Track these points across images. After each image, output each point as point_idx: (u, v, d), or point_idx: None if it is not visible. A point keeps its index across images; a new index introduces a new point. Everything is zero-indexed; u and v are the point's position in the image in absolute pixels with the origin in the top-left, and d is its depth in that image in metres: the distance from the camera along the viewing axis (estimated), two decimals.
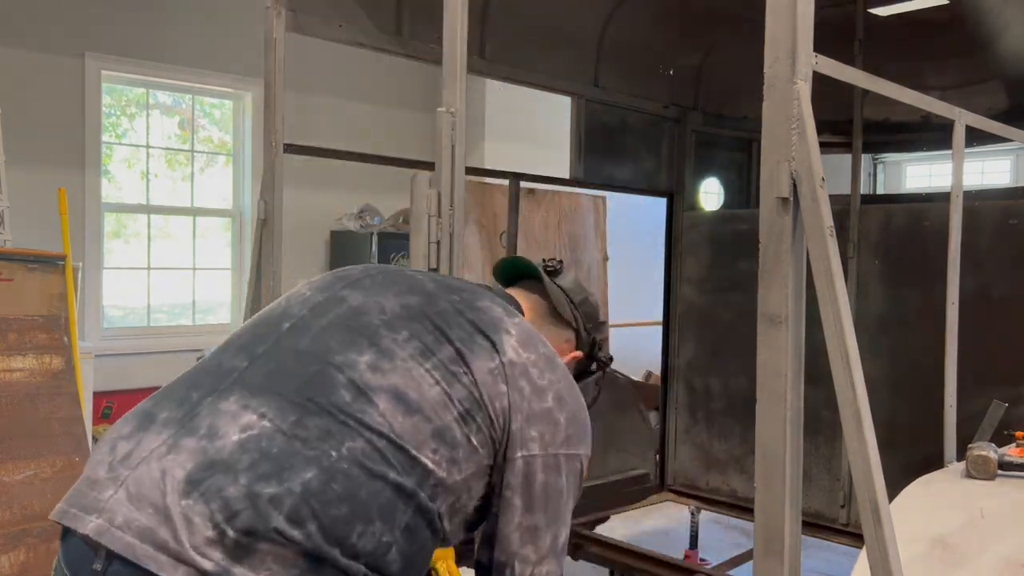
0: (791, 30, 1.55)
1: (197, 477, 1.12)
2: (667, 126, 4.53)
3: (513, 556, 1.33)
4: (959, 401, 2.61)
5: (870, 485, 1.46)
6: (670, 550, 4.23)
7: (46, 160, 5.27)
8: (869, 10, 3.86)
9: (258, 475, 1.12)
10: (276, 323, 1.37)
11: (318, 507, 1.12)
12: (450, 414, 1.26)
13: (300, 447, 1.16)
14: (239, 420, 1.18)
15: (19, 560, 3.11)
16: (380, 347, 1.28)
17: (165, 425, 1.21)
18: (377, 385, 1.24)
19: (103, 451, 1.22)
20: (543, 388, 1.35)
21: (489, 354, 1.32)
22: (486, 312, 1.39)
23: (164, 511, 1.10)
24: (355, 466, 1.16)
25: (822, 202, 1.51)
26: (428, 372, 1.27)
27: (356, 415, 1.20)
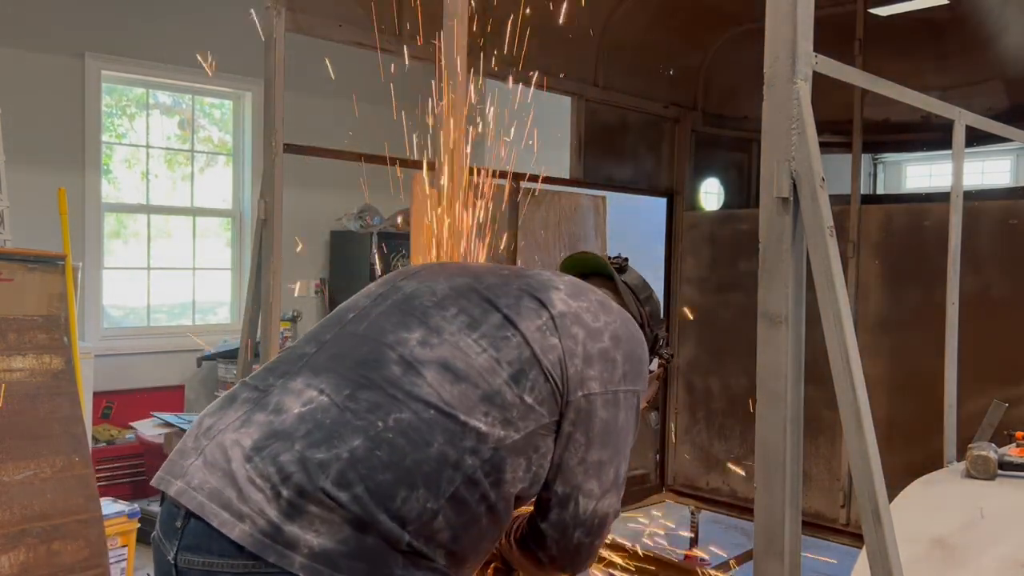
0: (791, 30, 1.55)
1: (260, 445, 1.23)
2: (667, 126, 4.53)
3: (577, 489, 1.39)
4: (959, 401, 2.61)
5: (870, 485, 1.46)
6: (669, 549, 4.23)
7: (46, 160, 5.27)
8: (869, 10, 3.86)
9: (311, 442, 1.22)
10: (343, 314, 1.47)
11: (364, 472, 1.20)
12: (499, 378, 1.31)
13: (350, 418, 1.24)
14: (302, 396, 1.29)
15: (19, 560, 3.11)
16: (429, 325, 1.36)
17: (243, 403, 1.33)
18: (426, 359, 1.31)
19: (194, 426, 1.36)
20: (598, 329, 1.41)
21: (536, 312, 1.38)
22: (535, 277, 1.47)
23: (231, 474, 1.21)
24: (400, 435, 1.24)
25: (822, 202, 1.51)
26: (475, 342, 1.34)
27: (405, 387, 1.28)
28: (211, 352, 5.81)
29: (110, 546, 3.55)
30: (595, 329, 1.41)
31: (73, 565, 3.24)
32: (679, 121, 4.53)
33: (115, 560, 3.68)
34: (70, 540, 3.24)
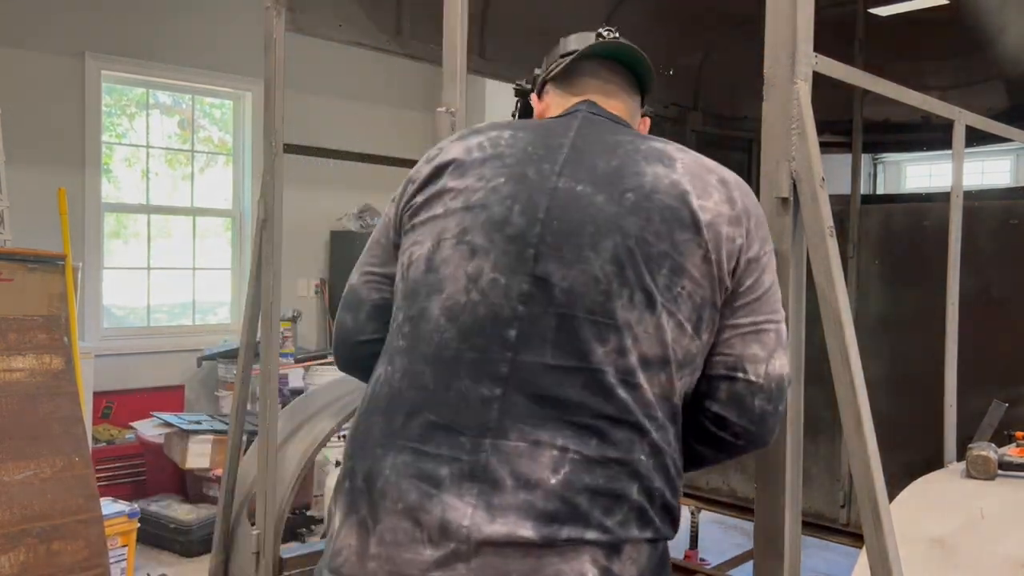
0: (791, 30, 1.55)
1: (548, 534, 1.15)
2: (667, 126, 4.52)
3: (739, 359, 1.30)
4: (959, 401, 2.61)
5: (870, 485, 1.46)
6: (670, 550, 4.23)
7: (46, 160, 5.27)
8: (869, 10, 3.86)
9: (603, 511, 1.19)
10: (496, 331, 1.23)
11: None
12: (686, 336, 1.26)
13: (619, 471, 1.20)
14: (538, 459, 1.18)
15: (19, 560, 3.11)
16: (617, 325, 1.22)
17: (458, 482, 1.18)
18: (633, 367, 1.22)
19: (407, 524, 1.19)
20: (737, 217, 1.31)
21: (694, 245, 1.27)
22: (664, 198, 1.28)
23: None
24: (652, 458, 1.23)
25: (822, 202, 1.51)
26: (661, 324, 1.24)
27: (640, 413, 1.22)
28: (211, 352, 5.81)
29: (110, 546, 3.55)
30: (735, 216, 1.31)
31: (73, 565, 3.24)
32: (679, 121, 4.52)
33: (115, 560, 3.68)
34: (70, 540, 3.24)
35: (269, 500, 2.90)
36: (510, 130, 1.39)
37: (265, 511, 2.90)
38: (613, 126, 1.42)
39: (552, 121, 1.43)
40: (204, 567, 3.43)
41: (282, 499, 2.94)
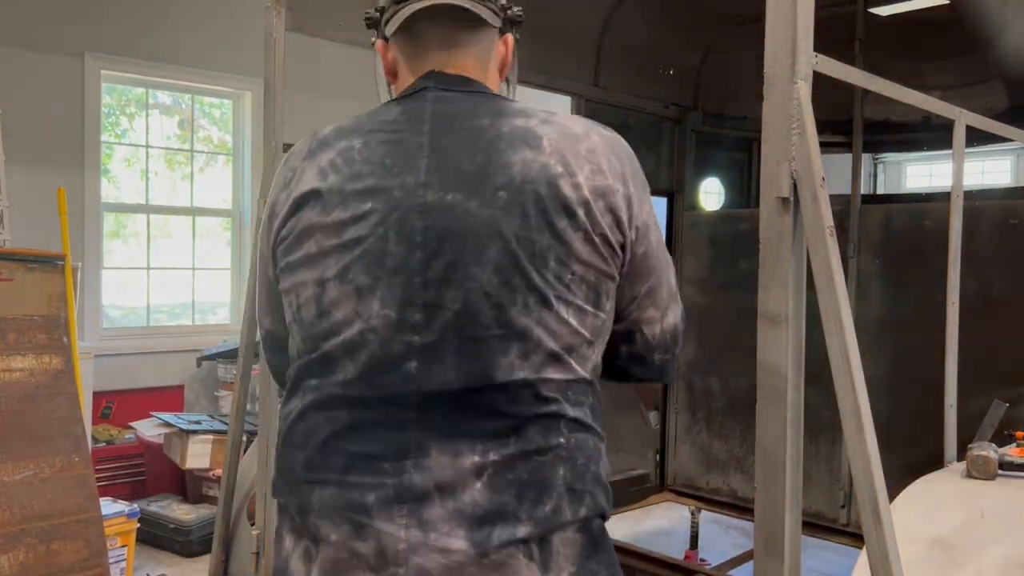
0: (791, 30, 1.55)
1: (481, 540, 1.18)
2: (667, 126, 4.52)
3: (636, 323, 1.35)
4: (959, 401, 2.61)
5: (870, 485, 1.46)
6: (670, 550, 4.23)
7: (46, 160, 5.27)
8: (869, 10, 3.86)
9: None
10: (396, 366, 1.22)
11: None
12: (596, 318, 1.28)
13: (540, 461, 1.23)
14: (463, 467, 1.20)
15: (19, 560, 3.11)
16: (516, 333, 1.21)
17: (387, 506, 1.21)
18: (541, 364, 1.22)
19: (343, 555, 1.22)
20: (611, 187, 1.27)
21: (574, 229, 1.23)
22: (536, 187, 1.23)
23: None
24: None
25: (822, 202, 1.51)
26: (561, 316, 1.23)
27: (553, 402, 1.24)
28: (211, 352, 5.81)
29: (110, 546, 3.55)
30: (607, 187, 1.26)
31: (73, 565, 3.24)
32: (679, 121, 4.53)
33: (115, 560, 3.68)
34: (70, 540, 3.24)
35: (269, 500, 2.89)
36: (359, 137, 1.31)
37: (265, 511, 2.90)
38: (468, 103, 1.32)
39: (402, 115, 1.32)
40: (204, 567, 3.43)
41: None
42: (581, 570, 1.24)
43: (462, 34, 1.36)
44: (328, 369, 1.25)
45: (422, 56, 1.36)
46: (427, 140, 1.27)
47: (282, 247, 1.31)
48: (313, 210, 1.27)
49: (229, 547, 3.11)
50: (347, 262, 1.24)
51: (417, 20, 1.33)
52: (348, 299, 1.23)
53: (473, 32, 1.36)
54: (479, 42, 1.37)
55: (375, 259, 1.23)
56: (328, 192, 1.27)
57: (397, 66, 1.40)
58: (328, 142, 1.33)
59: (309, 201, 1.28)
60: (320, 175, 1.29)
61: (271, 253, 1.36)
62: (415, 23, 1.34)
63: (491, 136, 1.26)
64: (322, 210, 1.27)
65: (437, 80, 1.34)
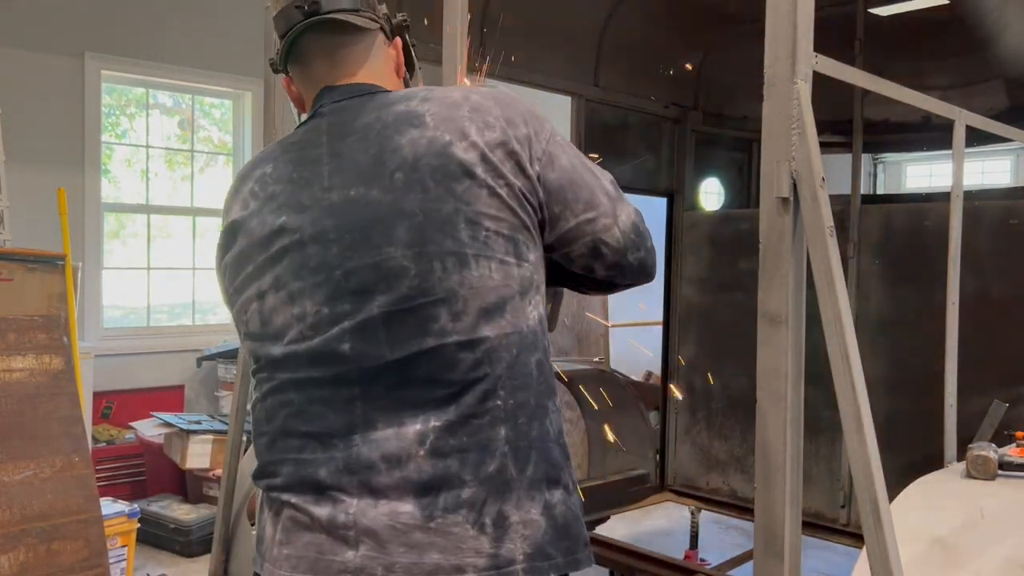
0: (791, 30, 1.55)
1: (428, 504, 1.25)
2: (667, 126, 4.53)
3: (592, 235, 1.37)
4: (959, 401, 2.61)
5: (870, 485, 1.46)
6: (670, 550, 4.23)
7: (46, 160, 5.27)
8: (869, 10, 3.86)
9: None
10: (333, 353, 1.30)
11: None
12: (521, 267, 1.31)
13: (478, 424, 1.28)
14: (407, 436, 1.26)
15: (19, 560, 3.11)
16: (440, 299, 1.26)
17: (337, 477, 1.29)
18: (471, 325, 1.26)
19: (304, 519, 1.31)
20: (503, 137, 1.31)
21: (476, 187, 1.28)
22: (429, 160, 1.29)
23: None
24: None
25: (822, 202, 1.51)
26: (483, 273, 1.27)
27: (488, 364, 1.27)
28: (211, 352, 5.81)
29: (110, 546, 3.55)
30: (498, 139, 1.31)
31: (73, 565, 3.24)
32: (679, 121, 4.53)
33: (115, 560, 3.68)
34: (70, 540, 3.24)
35: None
36: (271, 163, 1.42)
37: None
38: (356, 105, 1.40)
39: (304, 134, 1.42)
40: (204, 567, 3.43)
41: None
42: (537, 552, 1.26)
43: (342, 45, 1.44)
44: (277, 364, 1.35)
45: (313, 77, 1.46)
46: (325, 149, 1.37)
47: (228, 274, 1.44)
48: (242, 236, 1.40)
49: (229, 547, 3.11)
50: (278, 273, 1.34)
51: (303, 44, 1.44)
52: (284, 304, 1.34)
53: (355, 42, 1.45)
54: (362, 50, 1.46)
55: (299, 264, 1.33)
56: (250, 216, 1.40)
57: (301, 95, 1.50)
58: (247, 175, 1.46)
59: (237, 230, 1.42)
60: (243, 205, 1.42)
61: (221, 282, 1.49)
62: (301, 48, 1.44)
63: (378, 128, 1.34)
64: (248, 234, 1.39)
65: (328, 94, 1.43)
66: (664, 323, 4.63)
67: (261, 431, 1.38)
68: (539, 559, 1.26)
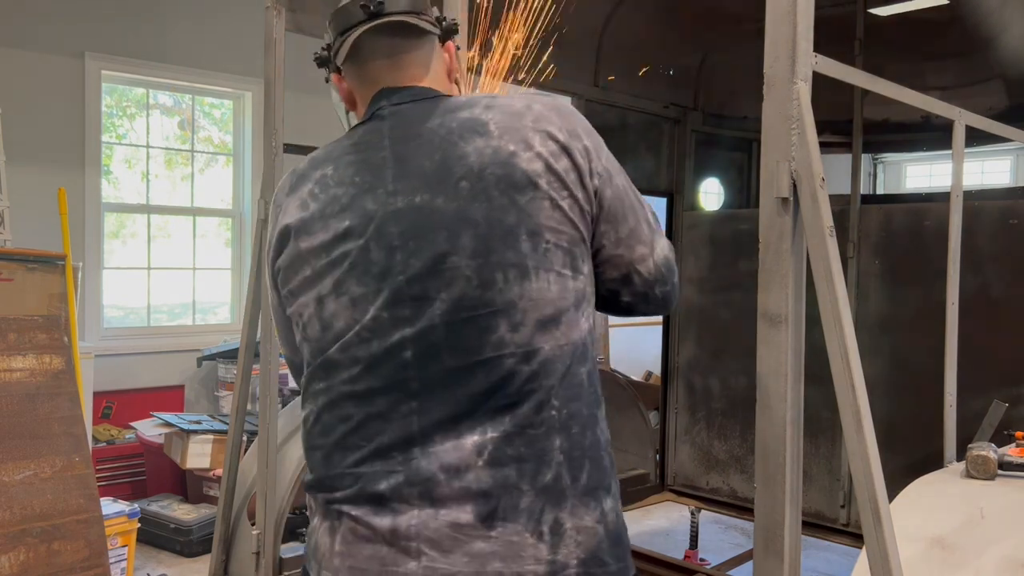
0: (791, 30, 1.55)
1: (487, 512, 1.27)
2: (667, 126, 4.53)
3: (629, 264, 1.40)
4: (959, 401, 2.61)
5: (870, 485, 1.47)
6: (670, 550, 4.23)
7: (46, 160, 5.27)
8: (869, 10, 3.86)
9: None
10: (394, 358, 1.31)
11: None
12: (576, 280, 1.33)
13: (534, 434, 1.30)
14: (465, 447, 1.28)
15: (19, 560, 3.11)
16: (500, 309, 1.28)
17: (399, 490, 1.31)
18: (528, 338, 1.28)
19: (364, 531, 1.32)
20: (565, 147, 1.33)
21: (539, 199, 1.29)
22: (494, 170, 1.31)
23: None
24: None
25: (822, 202, 1.51)
26: (542, 286, 1.29)
27: (543, 376, 1.30)
28: (211, 352, 5.81)
29: (110, 546, 3.55)
30: (559, 149, 1.32)
31: (73, 565, 3.24)
32: (679, 121, 4.53)
33: (115, 560, 3.68)
34: (70, 540, 3.24)
35: (269, 500, 2.90)
36: (331, 165, 1.41)
37: (265, 511, 2.90)
38: (419, 109, 1.40)
39: (364, 136, 1.42)
40: (204, 567, 3.44)
41: (282, 499, 2.94)
42: (592, 559, 1.28)
43: (404, 48, 1.45)
44: (333, 372, 1.35)
45: (372, 77, 1.46)
46: (389, 152, 1.37)
47: (281, 277, 1.43)
48: (301, 239, 1.39)
49: (229, 547, 3.11)
50: (339, 277, 1.34)
51: (362, 44, 1.43)
52: (345, 310, 1.33)
53: (415, 45, 1.45)
54: (421, 53, 1.46)
55: (363, 269, 1.33)
56: (311, 219, 1.38)
57: (354, 93, 1.50)
58: (306, 175, 1.44)
59: (296, 232, 1.40)
60: (302, 206, 1.40)
61: (273, 284, 1.48)
62: (360, 47, 1.44)
63: (443, 134, 1.35)
64: (309, 236, 1.38)
65: (388, 96, 1.43)
66: (664, 323, 4.64)
67: (316, 444, 1.38)
68: (594, 565, 1.29)
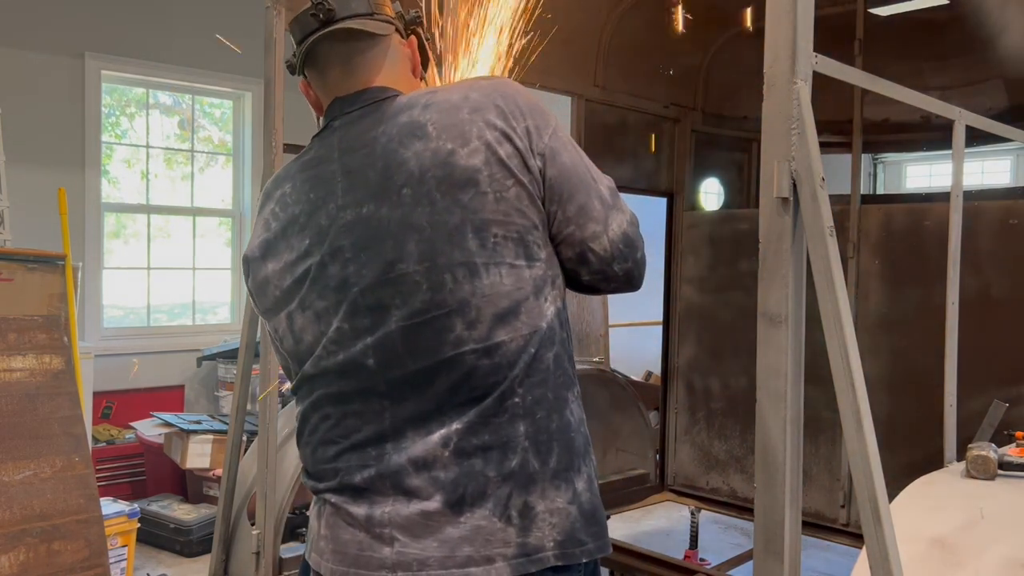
0: (791, 30, 1.55)
1: (454, 499, 1.33)
2: (667, 126, 4.53)
3: (582, 242, 1.37)
4: (959, 401, 2.61)
5: (870, 485, 1.46)
6: (670, 550, 4.23)
7: (46, 160, 5.27)
8: (869, 10, 3.86)
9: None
10: (359, 367, 1.35)
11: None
12: (532, 268, 1.32)
13: (498, 422, 1.35)
14: (431, 440, 1.32)
15: (19, 560, 3.11)
16: (454, 309, 1.28)
17: (373, 483, 1.38)
18: (486, 333, 1.29)
19: (344, 520, 1.40)
20: (504, 131, 1.32)
21: (481, 195, 1.29)
22: (434, 172, 1.30)
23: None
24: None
25: (822, 202, 1.51)
26: (494, 280, 1.29)
27: (506, 367, 1.32)
28: (211, 352, 5.81)
29: (110, 546, 3.55)
30: (499, 135, 1.31)
31: (73, 565, 3.24)
32: (679, 121, 4.53)
33: (115, 560, 3.68)
34: (70, 540, 3.24)
35: (269, 500, 2.90)
36: (289, 183, 1.44)
37: (265, 511, 2.90)
38: (366, 117, 1.40)
39: (319, 150, 1.44)
40: (204, 567, 3.44)
41: (282, 499, 2.94)
42: (568, 539, 1.31)
43: (356, 51, 1.45)
44: (312, 380, 1.42)
45: (328, 84, 1.47)
46: (338, 166, 1.39)
47: (255, 298, 1.50)
48: (266, 260, 1.44)
49: (229, 547, 3.11)
50: (302, 294, 1.39)
51: (317, 52, 1.45)
52: (311, 324, 1.39)
53: (366, 47, 1.45)
54: (377, 55, 1.46)
55: (323, 284, 1.37)
56: (274, 240, 1.43)
57: (320, 99, 1.51)
58: (269, 195, 1.48)
59: (261, 254, 1.45)
60: (265, 226, 1.46)
61: (252, 302, 1.54)
62: (316, 56, 1.45)
63: (384, 142, 1.36)
64: (275, 258, 1.43)
65: (340, 106, 1.45)
66: (664, 323, 4.63)
67: (306, 441, 1.46)
68: (571, 545, 1.32)
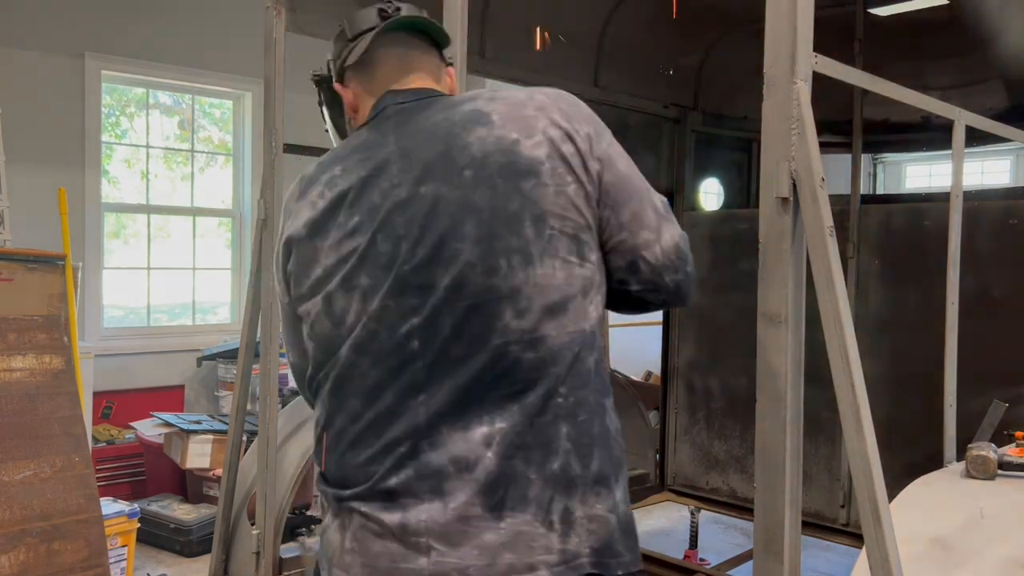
0: (791, 30, 1.55)
1: (494, 504, 1.28)
2: (667, 126, 4.52)
3: (635, 249, 1.37)
4: (959, 401, 2.61)
5: (870, 485, 1.47)
6: (670, 550, 4.23)
7: (46, 160, 5.27)
8: (869, 10, 3.86)
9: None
10: (401, 348, 1.31)
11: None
12: (583, 268, 1.32)
13: (541, 423, 1.32)
14: (473, 439, 1.28)
15: (19, 560, 3.11)
16: (505, 295, 1.28)
17: (408, 485, 1.31)
18: (534, 325, 1.28)
19: (374, 526, 1.32)
20: (567, 132, 1.35)
21: (542, 186, 1.31)
22: (497, 157, 1.32)
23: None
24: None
25: (822, 202, 1.51)
26: (547, 272, 1.29)
27: (550, 364, 1.30)
28: (211, 352, 5.81)
29: (110, 546, 3.55)
30: (562, 134, 1.34)
31: (73, 565, 3.24)
32: (679, 121, 4.52)
33: (115, 560, 3.68)
34: (70, 540, 3.24)
35: (269, 500, 2.90)
36: (339, 164, 1.42)
37: (265, 511, 2.90)
38: (422, 106, 1.43)
39: (369, 134, 1.43)
40: (204, 567, 3.44)
41: (282, 499, 2.94)
42: (605, 548, 1.29)
43: (415, 56, 1.48)
44: (343, 371, 1.35)
45: (378, 79, 1.48)
46: (394, 147, 1.38)
47: (293, 280, 1.43)
48: (312, 240, 1.39)
49: (229, 547, 3.11)
50: (346, 272, 1.34)
51: (376, 45, 1.45)
52: (354, 303, 1.34)
53: (425, 52, 1.50)
54: (432, 60, 1.50)
55: (371, 262, 1.33)
56: (321, 218, 1.39)
57: (358, 99, 1.51)
58: (314, 179, 1.45)
59: (307, 233, 1.40)
60: (311, 207, 1.41)
61: (284, 287, 1.47)
62: (372, 51, 1.45)
63: (446, 126, 1.36)
64: (321, 234, 1.38)
65: (393, 97, 1.45)
66: (664, 323, 4.63)
67: (329, 448, 1.38)
68: (607, 555, 1.29)
